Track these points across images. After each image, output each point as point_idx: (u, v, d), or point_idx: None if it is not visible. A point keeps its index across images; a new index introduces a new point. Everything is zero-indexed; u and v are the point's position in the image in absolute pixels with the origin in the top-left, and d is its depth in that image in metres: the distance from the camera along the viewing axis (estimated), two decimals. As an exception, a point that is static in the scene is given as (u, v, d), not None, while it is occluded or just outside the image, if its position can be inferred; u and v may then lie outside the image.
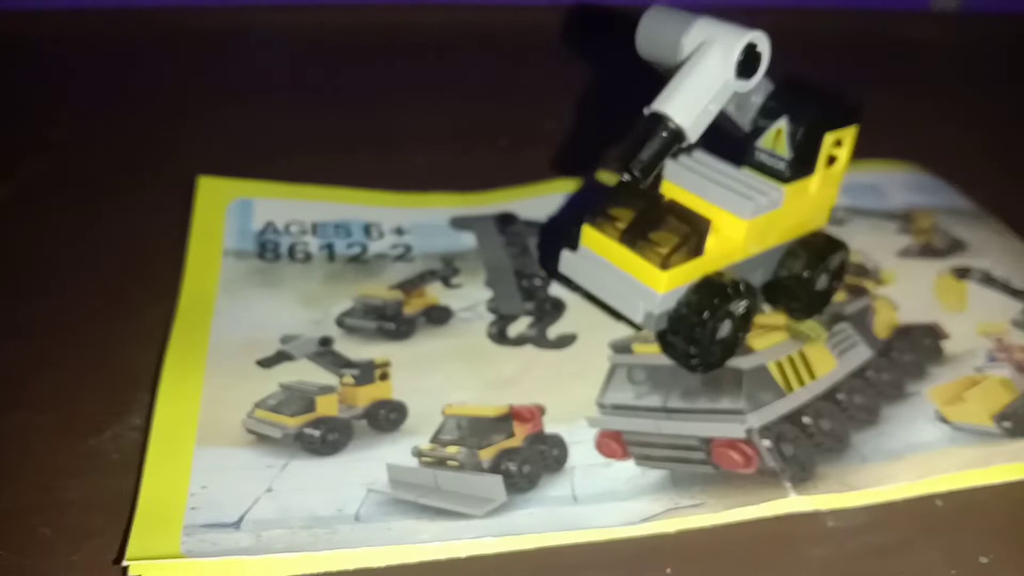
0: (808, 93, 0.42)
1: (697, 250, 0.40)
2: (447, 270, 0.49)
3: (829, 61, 0.82)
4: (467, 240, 0.52)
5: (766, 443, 0.39)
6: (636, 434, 0.39)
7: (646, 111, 0.37)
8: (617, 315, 0.44)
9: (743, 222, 0.41)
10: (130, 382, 0.39)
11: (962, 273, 0.51)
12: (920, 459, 0.38)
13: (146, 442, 0.36)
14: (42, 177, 0.54)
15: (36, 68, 0.68)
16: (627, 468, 0.37)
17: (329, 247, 0.50)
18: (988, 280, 0.50)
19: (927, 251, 0.53)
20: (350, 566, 0.32)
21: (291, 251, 0.49)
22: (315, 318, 0.44)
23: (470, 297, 0.47)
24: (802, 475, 0.37)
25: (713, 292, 0.40)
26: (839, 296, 0.48)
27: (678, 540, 0.35)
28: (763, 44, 0.37)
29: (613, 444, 0.39)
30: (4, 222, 0.50)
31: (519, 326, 0.45)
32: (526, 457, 0.38)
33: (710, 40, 0.36)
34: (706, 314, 0.39)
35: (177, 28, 0.75)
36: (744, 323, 0.42)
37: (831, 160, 0.44)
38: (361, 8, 0.80)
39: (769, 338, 0.45)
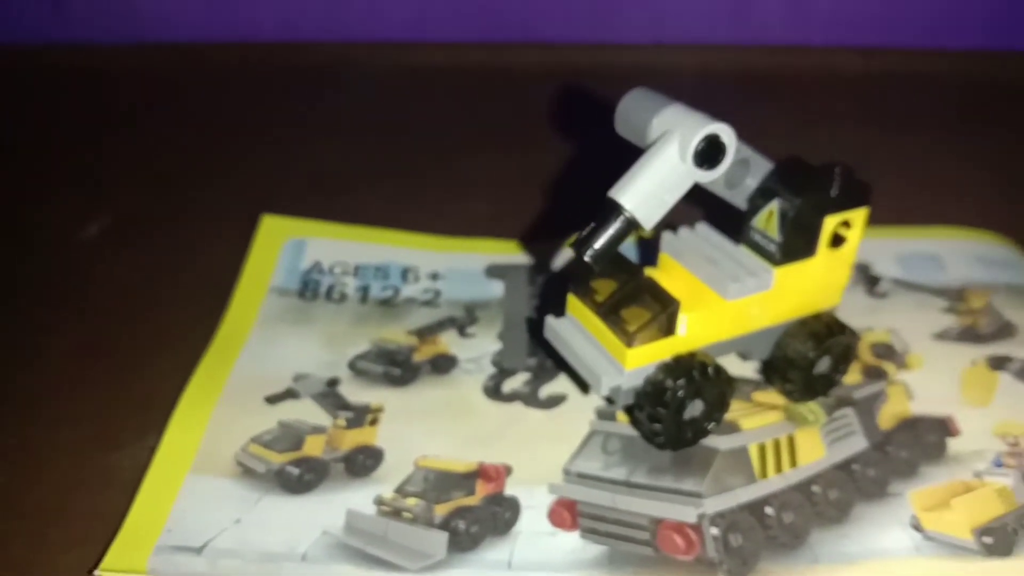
0: (805, 175, 0.42)
1: (668, 329, 0.41)
2: (466, 319, 0.52)
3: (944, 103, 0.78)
4: (496, 289, 0.54)
5: (714, 531, 0.39)
6: (591, 506, 0.40)
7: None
8: (586, 387, 0.45)
9: (723, 302, 0.41)
10: (156, 406, 0.45)
11: (999, 363, 0.48)
12: (876, 567, 0.37)
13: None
14: (129, 209, 0.61)
15: (117, 101, 0.77)
16: (571, 540, 0.39)
17: (365, 289, 0.54)
18: (1026, 373, 0.47)
19: (967, 335, 0.50)
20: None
21: (329, 291, 0.53)
22: (331, 359, 0.48)
23: (479, 348, 0.50)
24: (741, 569, 0.37)
25: (679, 372, 0.40)
26: (854, 378, 0.47)
27: (597, 618, 0.36)
28: (726, 135, 0.37)
29: (565, 513, 0.40)
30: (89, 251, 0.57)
31: (515, 381, 0.47)
32: (478, 517, 0.40)
33: (672, 129, 0.37)
34: (668, 395, 0.40)
35: (273, 63, 0.82)
36: (717, 405, 0.42)
37: (838, 241, 0.43)
38: (458, 47, 0.83)
39: (761, 418, 0.45)
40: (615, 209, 0.37)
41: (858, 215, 0.43)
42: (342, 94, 0.78)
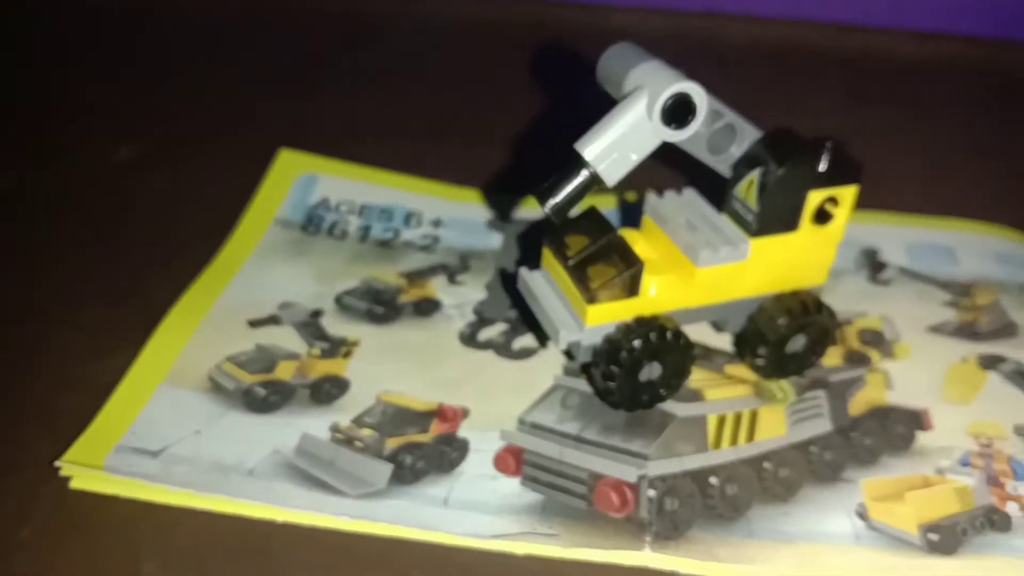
0: (792, 146, 0.40)
1: (632, 290, 0.40)
2: (459, 266, 0.52)
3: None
4: (495, 240, 0.54)
5: (651, 492, 0.39)
6: (537, 455, 0.41)
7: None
8: (545, 339, 0.45)
9: (695, 269, 0.41)
10: (149, 320, 0.47)
11: (991, 362, 0.46)
12: (811, 550, 0.37)
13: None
14: (162, 138, 0.63)
15: (164, 37, 0.79)
16: (510, 485, 0.39)
17: (366, 229, 0.55)
18: (1021, 376, 0.45)
19: (964, 331, 0.48)
20: (225, 510, 0.38)
21: (331, 228, 0.54)
22: (320, 291, 0.50)
23: (465, 296, 0.50)
24: (671, 533, 0.37)
25: (637, 333, 0.40)
26: (834, 361, 0.46)
27: (519, 563, 0.36)
28: (697, 95, 0.36)
29: (510, 460, 0.40)
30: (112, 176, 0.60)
31: (492, 331, 0.48)
32: (425, 453, 0.41)
33: (643, 85, 0.36)
34: (623, 354, 0.40)
35: (328, 10, 0.83)
36: (676, 371, 0.42)
37: (824, 218, 0.42)
38: (508, 5, 0.83)
39: (728, 390, 0.44)
40: (578, 161, 0.37)
41: (847, 193, 0.42)
42: (388, 45, 0.79)
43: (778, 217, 0.41)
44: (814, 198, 0.41)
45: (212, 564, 0.36)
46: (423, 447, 0.41)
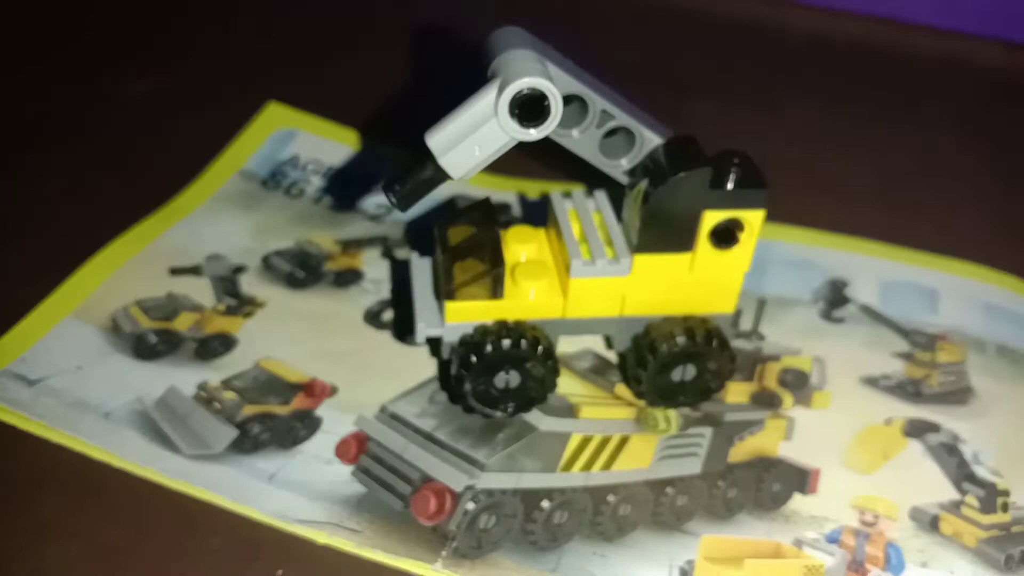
0: (689, 160, 0.37)
1: (495, 291, 0.38)
2: (399, 241, 0.51)
3: None
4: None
5: (470, 505, 0.37)
6: (380, 447, 0.40)
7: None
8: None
9: (568, 279, 0.38)
10: (84, 253, 0.49)
11: (919, 429, 0.40)
12: (612, 597, 0.34)
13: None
14: (177, 76, 0.65)
15: None
16: (341, 473, 0.39)
17: (325, 191, 0.54)
18: (947, 451, 0.39)
19: (904, 389, 0.42)
20: (72, 446, 0.39)
21: (290, 186, 0.55)
22: (252, 248, 0.50)
23: (388, 271, 0.49)
24: (471, 551, 0.35)
25: (490, 338, 0.38)
26: (740, 398, 0.42)
27: (317, 552, 0.36)
28: (552, 96, 0.33)
29: (352, 448, 0.40)
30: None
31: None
32: (274, 426, 0.40)
33: (499, 77, 0.34)
34: (473, 358, 0.38)
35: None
36: (540, 381, 0.39)
37: (725, 241, 0.38)
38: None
39: (607, 411, 0.41)
40: (427, 154, 0.35)
41: (751, 217, 0.37)
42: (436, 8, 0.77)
43: (665, 234, 0.38)
44: (710, 218, 0.37)
45: (48, 495, 0.38)
46: (276, 419, 0.41)
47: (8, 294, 0.46)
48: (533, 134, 0.34)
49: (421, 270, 0.42)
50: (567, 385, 0.42)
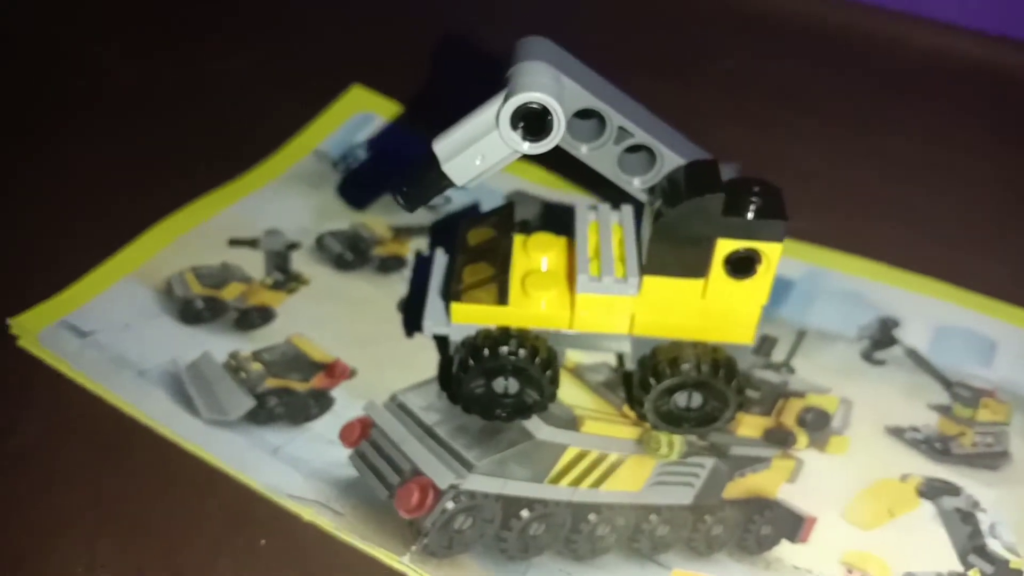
0: (704, 184, 0.35)
1: (502, 297, 0.38)
2: (449, 234, 0.52)
3: None
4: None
5: (450, 504, 0.37)
6: (382, 435, 0.41)
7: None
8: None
9: (574, 293, 0.38)
10: (155, 218, 0.52)
11: (936, 491, 0.38)
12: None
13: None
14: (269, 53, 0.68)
15: None
16: (339, 455, 0.40)
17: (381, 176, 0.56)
18: (962, 518, 0.37)
19: (932, 445, 0.39)
20: (107, 399, 0.42)
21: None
22: (309, 227, 0.52)
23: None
24: (440, 550, 0.36)
25: (489, 343, 0.38)
26: (752, 432, 0.40)
27: (301, 528, 0.37)
28: (555, 110, 0.33)
29: (356, 432, 0.41)
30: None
31: (431, 302, 0.48)
32: (291, 402, 0.42)
33: (506, 89, 0.34)
34: (471, 361, 0.38)
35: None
36: (539, 390, 0.39)
37: (742, 270, 0.37)
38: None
39: (611, 428, 0.41)
40: (434, 158, 0.35)
41: (769, 250, 0.36)
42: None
43: (676, 258, 0.37)
44: (724, 246, 0.36)
45: (76, 444, 0.41)
46: (293, 395, 0.43)
47: (81, 251, 0.50)
48: (536, 148, 0.34)
49: (441, 266, 0.43)
50: (575, 396, 0.42)
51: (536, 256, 0.41)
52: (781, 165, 0.57)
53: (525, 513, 0.37)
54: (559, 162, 0.38)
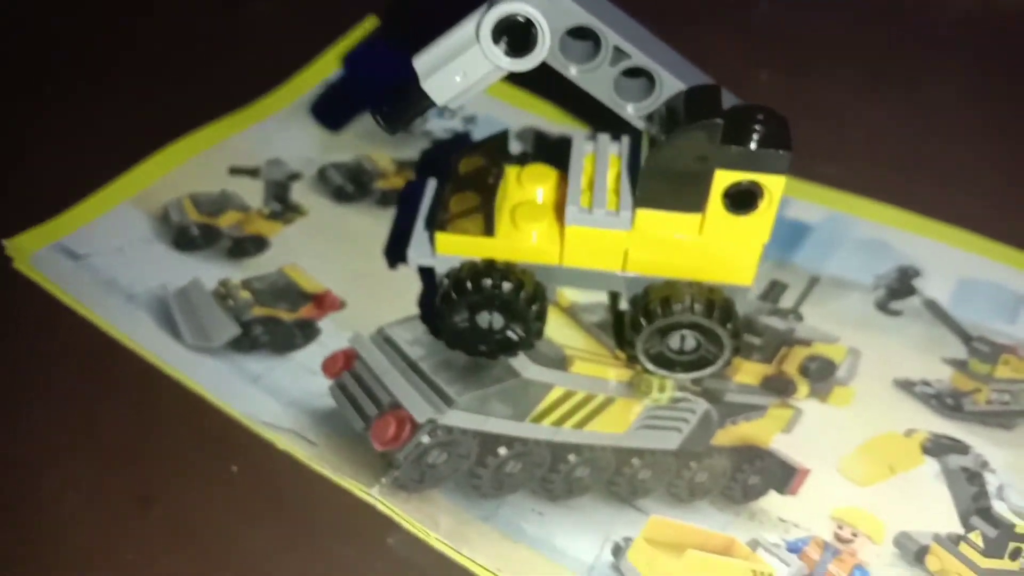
0: (704, 110, 0.33)
1: (488, 228, 0.37)
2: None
3: None
4: (514, 148, 0.51)
5: (425, 439, 0.36)
6: (364, 367, 0.39)
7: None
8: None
9: (564, 225, 0.36)
10: (162, 141, 0.52)
11: (941, 449, 0.35)
12: (529, 561, 0.32)
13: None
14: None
15: None
16: (320, 385, 0.39)
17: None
18: (968, 478, 0.34)
19: (942, 400, 0.37)
20: (94, 321, 0.42)
21: (368, 100, 0.55)
22: (313, 158, 0.51)
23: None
24: (411, 484, 0.35)
25: (472, 276, 0.36)
26: (751, 378, 0.38)
27: (275, 455, 0.37)
28: (539, 23, 0.31)
29: (339, 364, 0.40)
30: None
31: (430, 238, 0.46)
32: (276, 331, 0.41)
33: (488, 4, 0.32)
34: (454, 295, 0.37)
35: None
36: (524, 326, 0.37)
37: (742, 205, 0.34)
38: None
39: (599, 369, 0.39)
40: (415, 76, 0.34)
41: (771, 183, 0.33)
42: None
43: (671, 191, 0.34)
44: (723, 178, 0.34)
45: (66, 366, 0.41)
46: (279, 324, 0.42)
47: (82, 177, 0.49)
48: (520, 64, 0.32)
49: (431, 196, 0.41)
50: (567, 336, 0.40)
51: (530, 188, 0.39)
52: (815, 111, 0.54)
53: (503, 451, 0.36)
54: (575, 98, 0.35)
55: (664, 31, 0.36)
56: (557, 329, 0.41)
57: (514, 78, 0.34)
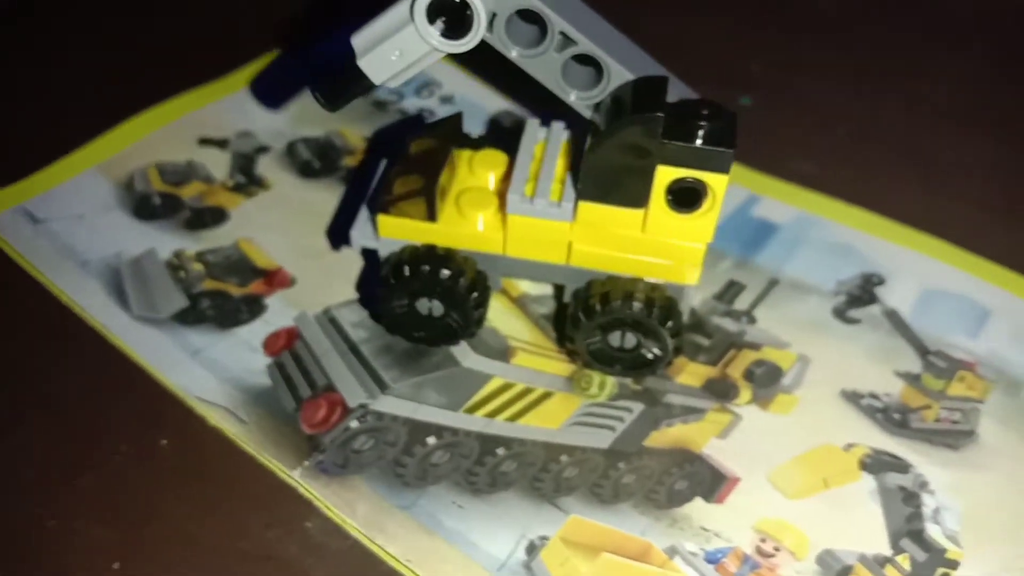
0: (648, 103, 0.32)
1: (430, 213, 0.36)
2: (424, 148, 0.50)
3: None
4: (477, 130, 0.50)
5: (354, 423, 0.36)
6: (305, 347, 0.39)
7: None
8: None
9: (506, 213, 0.35)
10: (134, 109, 0.51)
11: (881, 466, 0.34)
12: (440, 553, 0.32)
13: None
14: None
15: None
16: (258, 363, 0.39)
17: (394, 91, 0.53)
18: (904, 499, 0.33)
19: (889, 415, 0.36)
20: (47, 286, 0.42)
21: (347, 75, 0.54)
22: (285, 131, 0.50)
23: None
24: (333, 468, 0.34)
25: (411, 262, 0.36)
26: (693, 380, 0.37)
27: (206, 430, 0.36)
28: (475, 4, 0.30)
29: (280, 342, 0.39)
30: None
31: (390, 219, 0.45)
32: (223, 305, 0.41)
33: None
34: (391, 280, 0.36)
35: None
36: (463, 313, 0.37)
37: (686, 203, 0.33)
38: None
39: (540, 362, 0.38)
40: (352, 51, 0.33)
41: (714, 181, 0.32)
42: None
43: (611, 185, 0.33)
44: (665, 174, 0.32)
45: (20, 333, 0.41)
46: (227, 299, 0.41)
47: (52, 142, 0.49)
48: (456, 46, 0.31)
49: (380, 176, 0.40)
50: (513, 326, 0.40)
51: (481, 173, 0.38)
52: (803, 105, 0.53)
53: (431, 440, 0.35)
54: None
55: (660, 20, 0.35)
56: (503, 319, 0.40)
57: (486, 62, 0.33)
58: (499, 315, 0.40)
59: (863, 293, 0.40)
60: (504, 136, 0.49)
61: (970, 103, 0.54)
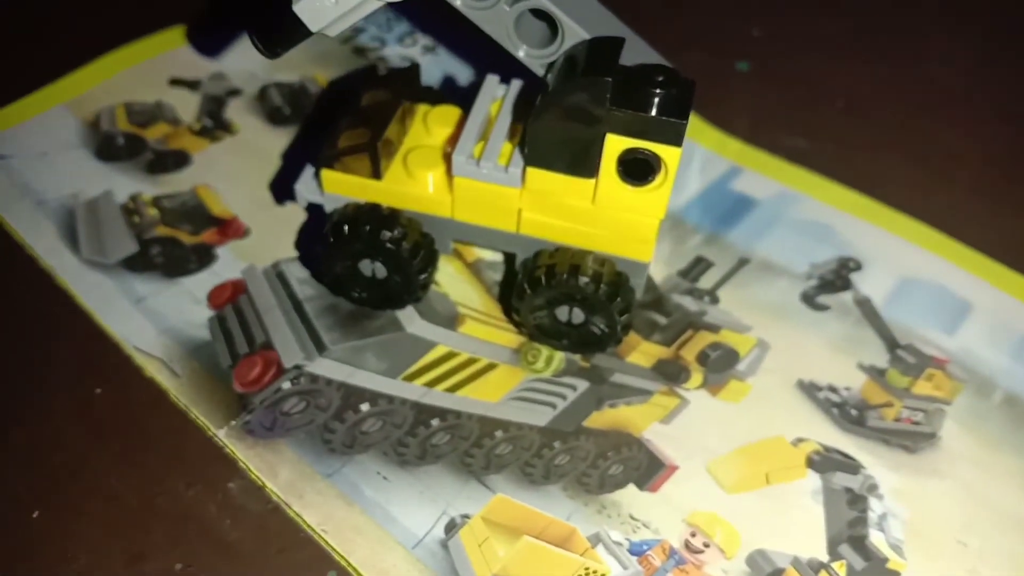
0: (599, 66, 0.30)
1: (374, 171, 0.34)
2: (401, 99, 0.48)
3: None
4: (465, 79, 0.48)
5: (287, 384, 0.35)
6: (248, 301, 0.38)
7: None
8: None
9: (453, 176, 0.33)
10: (109, 46, 0.50)
11: (828, 464, 0.32)
12: (356, 524, 0.31)
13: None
14: None
15: None
16: (200, 315, 0.38)
17: (358, 31, 0.51)
18: (849, 502, 0.31)
19: (841, 410, 0.34)
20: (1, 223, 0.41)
21: (331, 19, 0.52)
22: (256, 74, 0.49)
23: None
24: (260, 430, 0.33)
25: (351, 220, 0.34)
26: (644, 360, 0.35)
27: (141, 381, 0.36)
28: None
29: (225, 295, 0.38)
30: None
31: (356, 172, 0.44)
32: (173, 254, 0.40)
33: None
34: (331, 237, 0.35)
35: None
36: (406, 276, 0.35)
37: (638, 175, 0.31)
38: None
39: (488, 332, 0.37)
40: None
41: (667, 153, 0.30)
42: None
43: (559, 151, 0.31)
44: (615, 144, 0.30)
45: None
46: (178, 247, 0.40)
47: (23, 78, 0.48)
48: (393, -5, 0.29)
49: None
50: (464, 293, 0.38)
51: (436, 131, 0.36)
52: (800, 77, 0.50)
53: (365, 407, 0.34)
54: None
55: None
56: (455, 285, 0.38)
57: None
58: (451, 280, 0.38)
59: (837, 278, 0.38)
60: (469, 93, 0.47)
61: (971, 86, 0.50)
